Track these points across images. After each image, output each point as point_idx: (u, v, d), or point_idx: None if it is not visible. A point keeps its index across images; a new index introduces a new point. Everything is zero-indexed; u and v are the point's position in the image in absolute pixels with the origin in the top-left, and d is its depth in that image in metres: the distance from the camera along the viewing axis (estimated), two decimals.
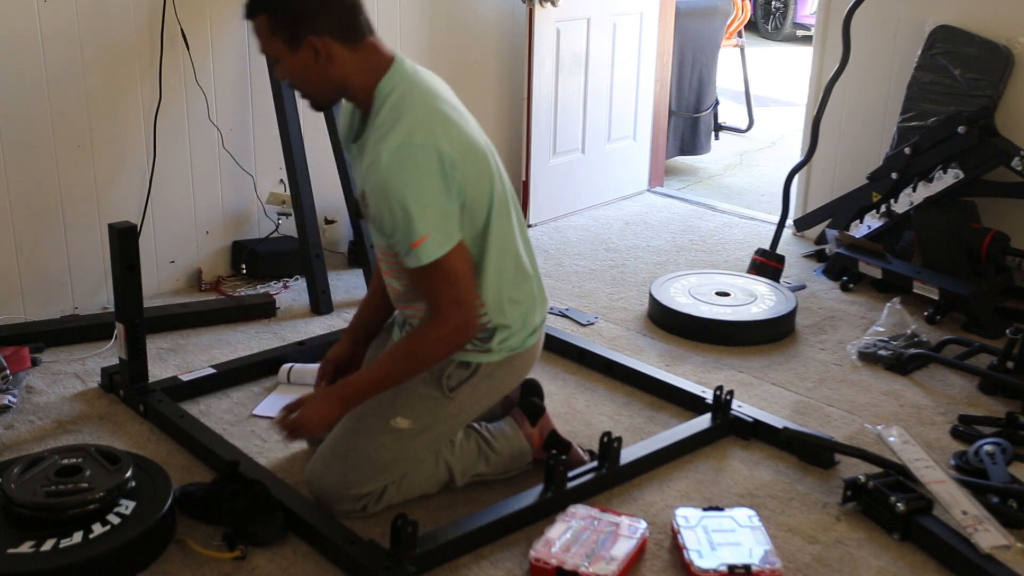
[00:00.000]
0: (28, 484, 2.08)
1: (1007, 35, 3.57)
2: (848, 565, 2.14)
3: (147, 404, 2.65)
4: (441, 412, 2.24)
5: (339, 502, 2.21)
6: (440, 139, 2.06)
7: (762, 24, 11.11)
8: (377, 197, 2.05)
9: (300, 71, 2.11)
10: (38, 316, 3.23)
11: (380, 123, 2.08)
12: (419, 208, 2.01)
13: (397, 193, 2.01)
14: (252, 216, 3.72)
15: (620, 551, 2.08)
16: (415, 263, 2.06)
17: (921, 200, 3.59)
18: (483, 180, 2.15)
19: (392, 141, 2.03)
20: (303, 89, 2.17)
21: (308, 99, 2.19)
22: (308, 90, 2.17)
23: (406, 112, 2.07)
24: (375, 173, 2.04)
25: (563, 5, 4.17)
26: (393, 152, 2.02)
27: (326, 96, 2.18)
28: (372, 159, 2.06)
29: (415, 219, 2.01)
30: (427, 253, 2.04)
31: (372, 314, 2.47)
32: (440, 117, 2.10)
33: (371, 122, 2.12)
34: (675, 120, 5.27)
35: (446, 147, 2.05)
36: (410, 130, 2.04)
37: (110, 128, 3.29)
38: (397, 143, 2.03)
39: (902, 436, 2.44)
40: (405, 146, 2.02)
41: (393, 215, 2.03)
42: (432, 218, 2.03)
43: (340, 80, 2.11)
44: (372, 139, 2.10)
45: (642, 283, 3.73)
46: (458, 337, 2.13)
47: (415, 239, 2.02)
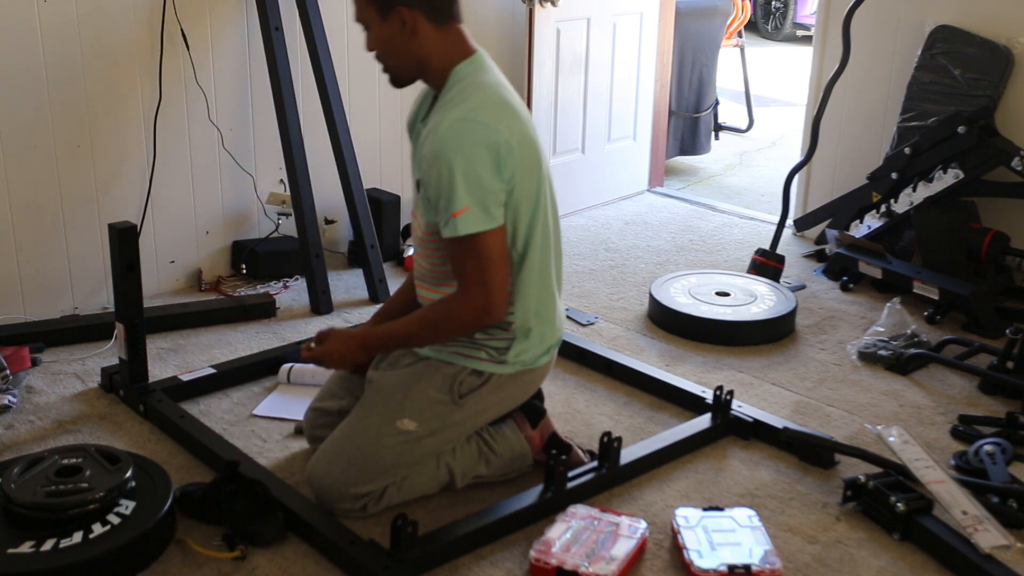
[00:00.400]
0: (28, 484, 2.08)
1: (1007, 35, 3.57)
2: (848, 565, 2.14)
3: (147, 404, 2.65)
4: (448, 418, 2.24)
5: (339, 501, 2.21)
6: (501, 123, 2.12)
7: (762, 24, 11.11)
8: (429, 162, 2.10)
9: (386, 41, 2.18)
10: (38, 316, 3.23)
11: (449, 100, 2.15)
12: (466, 180, 2.06)
13: (448, 160, 2.06)
14: (252, 216, 3.72)
15: (620, 551, 2.08)
16: (452, 233, 2.09)
17: (921, 200, 3.59)
18: (532, 177, 2.20)
19: (456, 113, 2.10)
20: (386, 61, 2.23)
21: (389, 73, 2.25)
22: (390, 62, 2.22)
23: (475, 93, 2.14)
24: (433, 138, 2.09)
25: (563, 5, 4.17)
26: (454, 122, 2.09)
27: (405, 71, 2.22)
28: (433, 126, 2.11)
29: (459, 189, 2.06)
30: (465, 225, 2.08)
31: (401, 303, 2.49)
32: (506, 106, 2.17)
33: (440, 100, 2.18)
34: (675, 120, 5.28)
35: (505, 132, 2.11)
36: (475, 107, 2.12)
37: (110, 128, 3.29)
38: (460, 116, 2.10)
39: (902, 436, 2.44)
40: (467, 120, 2.09)
41: (440, 181, 2.08)
42: (476, 193, 2.08)
43: (420, 56, 2.17)
44: (437, 114, 2.15)
45: (642, 283, 3.73)
46: (478, 319, 2.16)
47: (456, 209, 2.07)
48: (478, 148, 2.08)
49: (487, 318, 2.16)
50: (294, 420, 2.65)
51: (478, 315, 2.15)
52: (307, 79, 3.57)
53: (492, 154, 2.09)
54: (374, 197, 3.80)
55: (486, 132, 2.09)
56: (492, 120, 2.11)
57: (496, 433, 2.36)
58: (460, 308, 2.15)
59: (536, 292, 2.26)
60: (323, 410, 2.45)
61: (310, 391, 2.72)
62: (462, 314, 2.16)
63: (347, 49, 3.75)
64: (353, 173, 3.56)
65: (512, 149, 2.12)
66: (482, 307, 2.14)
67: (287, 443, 2.58)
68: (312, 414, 2.48)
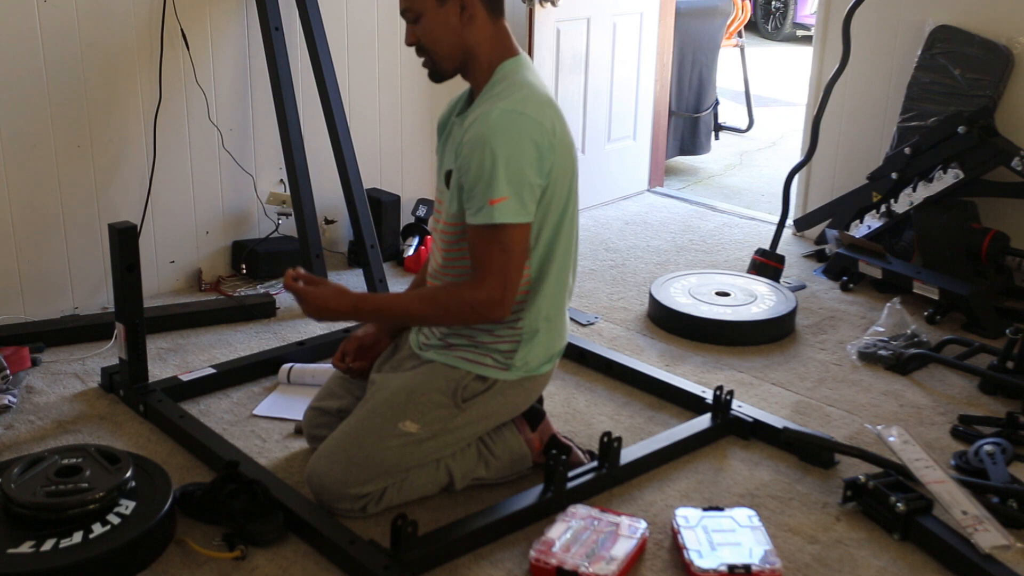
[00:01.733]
0: (28, 484, 2.08)
1: (1007, 35, 3.57)
2: (848, 565, 2.14)
3: (147, 404, 2.65)
4: (450, 422, 2.24)
5: (339, 500, 2.21)
6: (547, 121, 2.14)
7: (762, 24, 11.10)
8: (472, 147, 2.09)
9: (440, 27, 2.17)
10: (38, 316, 3.23)
11: (496, 93, 2.16)
12: (508, 170, 2.07)
13: (493, 147, 2.07)
14: (252, 216, 3.72)
15: (620, 551, 2.08)
16: (486, 220, 2.09)
17: (921, 200, 3.59)
18: (566, 179, 2.22)
19: (506, 104, 2.11)
20: (435, 49, 2.20)
21: (432, 64, 2.23)
22: (440, 50, 2.20)
23: (523, 88, 2.16)
24: (480, 124, 2.09)
25: (563, 5, 4.17)
26: (504, 112, 2.10)
27: (451, 61, 2.21)
28: (480, 114, 2.11)
29: (501, 178, 2.07)
30: (502, 213, 2.08)
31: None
32: (552, 105, 2.19)
33: (484, 93, 2.19)
34: (675, 120, 5.28)
35: (550, 129, 2.14)
36: (525, 101, 2.13)
37: (110, 128, 3.29)
38: (510, 107, 2.11)
39: (902, 436, 2.44)
40: (517, 112, 2.11)
41: (482, 167, 2.07)
42: (516, 185, 2.08)
43: (470, 45, 2.19)
44: (482, 105, 2.15)
45: (642, 283, 3.73)
46: (485, 310, 2.15)
47: (495, 196, 2.07)
48: (524, 141, 2.09)
49: (496, 311, 2.15)
50: (294, 420, 2.65)
51: (489, 306, 2.14)
52: (307, 79, 3.57)
53: (536, 149, 2.11)
54: (374, 197, 3.80)
55: (533, 127, 2.11)
56: (540, 116, 2.13)
57: (496, 436, 2.36)
58: (473, 295, 2.14)
59: (550, 295, 2.26)
60: (322, 409, 2.45)
61: (310, 391, 2.72)
62: (473, 301, 2.14)
63: (347, 49, 3.75)
64: (353, 173, 3.56)
65: (554, 147, 2.14)
66: (496, 299, 2.13)
67: (287, 443, 2.58)
68: (311, 413, 2.48)
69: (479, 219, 2.10)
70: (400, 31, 3.90)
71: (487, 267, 2.13)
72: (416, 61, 2.27)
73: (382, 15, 3.82)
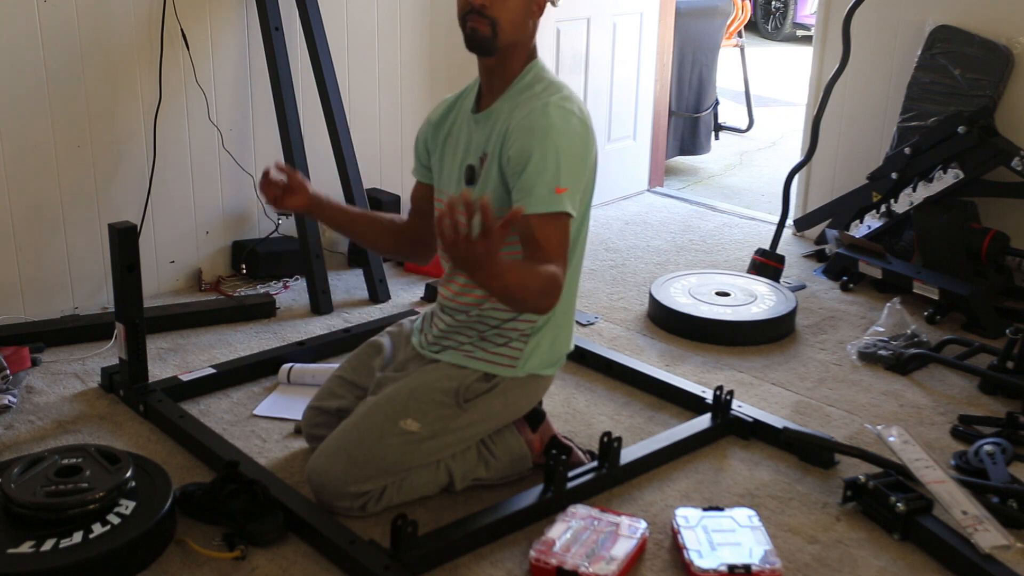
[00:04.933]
0: (28, 484, 2.08)
1: (1007, 35, 3.57)
2: (848, 565, 2.14)
3: (147, 404, 2.65)
4: (452, 422, 2.24)
5: (338, 498, 2.21)
6: (588, 120, 2.20)
7: (762, 24, 11.10)
8: (532, 136, 2.10)
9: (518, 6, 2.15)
10: (38, 316, 3.23)
11: (533, 91, 2.19)
12: (569, 163, 2.10)
13: (556, 139, 2.09)
14: (252, 216, 3.72)
15: (620, 551, 2.08)
16: (555, 207, 2.07)
17: (921, 200, 3.59)
18: (593, 179, 2.24)
19: (558, 100, 2.15)
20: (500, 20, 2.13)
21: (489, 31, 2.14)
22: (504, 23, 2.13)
23: (563, 88, 2.21)
24: (537, 116, 2.11)
25: (563, 5, 4.13)
26: (559, 108, 2.13)
27: (506, 38, 2.16)
28: (533, 108, 2.13)
29: (564, 169, 2.09)
30: (568, 203, 2.09)
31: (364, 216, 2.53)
32: (583, 107, 2.22)
33: (513, 89, 2.21)
34: (675, 120, 5.27)
35: (591, 129, 2.18)
36: (570, 99, 2.18)
37: (110, 128, 3.29)
38: (563, 104, 2.15)
39: (902, 436, 2.44)
40: (569, 110, 2.14)
41: (545, 156, 2.08)
42: (573, 179, 2.11)
43: (524, 34, 2.21)
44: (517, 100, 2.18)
45: (642, 283, 3.73)
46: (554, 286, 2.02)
47: (561, 186, 2.08)
48: (578, 137, 2.14)
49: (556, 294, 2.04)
50: (294, 420, 2.65)
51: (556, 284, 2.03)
52: (307, 79, 3.57)
53: (585, 146, 2.15)
54: (374, 197, 3.80)
55: (583, 125, 2.16)
56: (584, 116, 2.18)
57: (496, 436, 2.36)
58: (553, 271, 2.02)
59: (565, 294, 2.24)
60: (321, 409, 2.45)
61: (310, 391, 2.72)
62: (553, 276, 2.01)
63: (347, 49, 3.75)
64: (353, 173, 3.56)
65: (592, 147, 2.19)
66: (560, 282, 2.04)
67: (287, 443, 2.58)
68: (310, 413, 2.48)
69: (545, 207, 2.07)
70: (401, 29, 3.90)
71: (553, 252, 2.06)
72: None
73: (382, 15, 3.82)
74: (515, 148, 2.12)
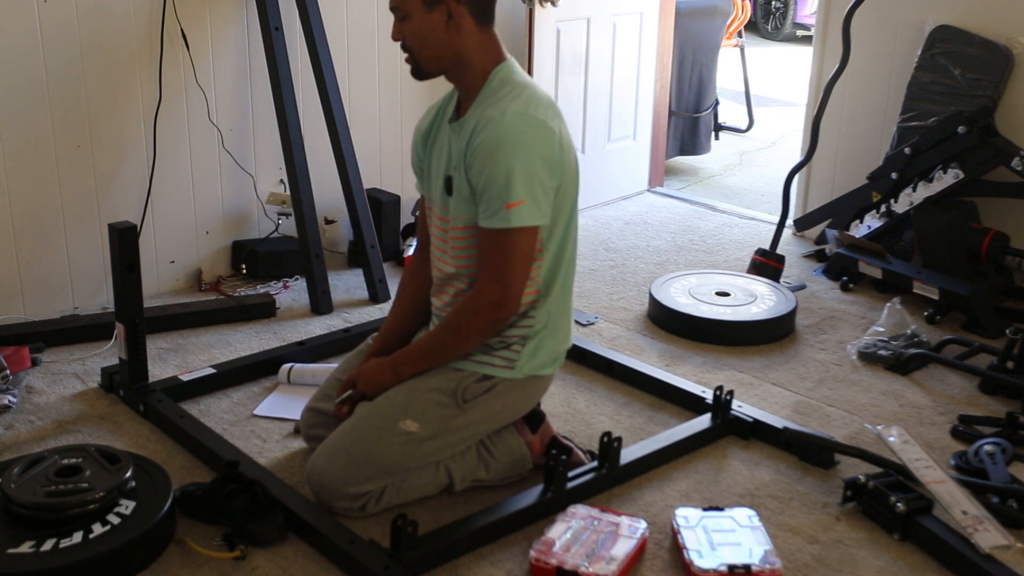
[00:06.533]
0: (28, 484, 2.08)
1: (1007, 35, 3.57)
2: (848, 565, 2.14)
3: (147, 404, 2.65)
4: (451, 422, 2.24)
5: (338, 499, 2.21)
6: (554, 122, 2.16)
7: (762, 24, 11.10)
8: (488, 150, 2.10)
9: (427, 32, 2.17)
10: (38, 316, 3.23)
11: (498, 96, 2.16)
12: (526, 174, 2.09)
13: (509, 150, 2.08)
14: (252, 216, 3.72)
15: (620, 551, 2.08)
16: (501, 223, 2.10)
17: (921, 200, 3.59)
18: (572, 180, 2.24)
19: (517, 106, 2.12)
20: (420, 51, 2.20)
21: (416, 63, 2.23)
22: (425, 52, 2.20)
23: (526, 90, 2.17)
24: (492, 127, 2.10)
25: (563, 5, 4.17)
26: (517, 115, 2.10)
27: (437, 63, 2.22)
28: (490, 118, 2.11)
29: (518, 182, 2.08)
30: (519, 217, 2.10)
31: (394, 339, 2.46)
32: (554, 107, 2.21)
33: (481, 97, 2.19)
34: (675, 120, 5.27)
35: (558, 131, 2.16)
36: (533, 103, 2.15)
37: (110, 128, 3.29)
38: (521, 109, 2.12)
39: (902, 436, 2.44)
40: (529, 115, 2.12)
41: (498, 170, 2.08)
42: (533, 188, 2.10)
43: (459, 51, 2.18)
44: (484, 108, 2.15)
45: (642, 283, 3.73)
46: (494, 313, 2.16)
47: (512, 201, 2.08)
48: (539, 144, 2.11)
49: (504, 310, 2.17)
50: (294, 420, 2.65)
51: (497, 307, 2.16)
52: (307, 79, 3.57)
53: (549, 152, 2.13)
54: (374, 197, 3.80)
55: (544, 129, 2.13)
56: (547, 118, 2.15)
57: (496, 438, 2.35)
58: (476, 304, 2.17)
59: (558, 295, 2.28)
60: (319, 410, 2.45)
61: (310, 391, 2.71)
62: (481, 305, 2.16)
63: (347, 49, 3.75)
64: (353, 173, 3.56)
65: (562, 147, 2.16)
66: (502, 299, 2.15)
67: (287, 443, 2.58)
68: (308, 414, 2.48)
69: (495, 222, 2.11)
70: None
71: (495, 268, 2.15)
72: None
73: (382, 15, 3.82)
74: (474, 163, 2.13)
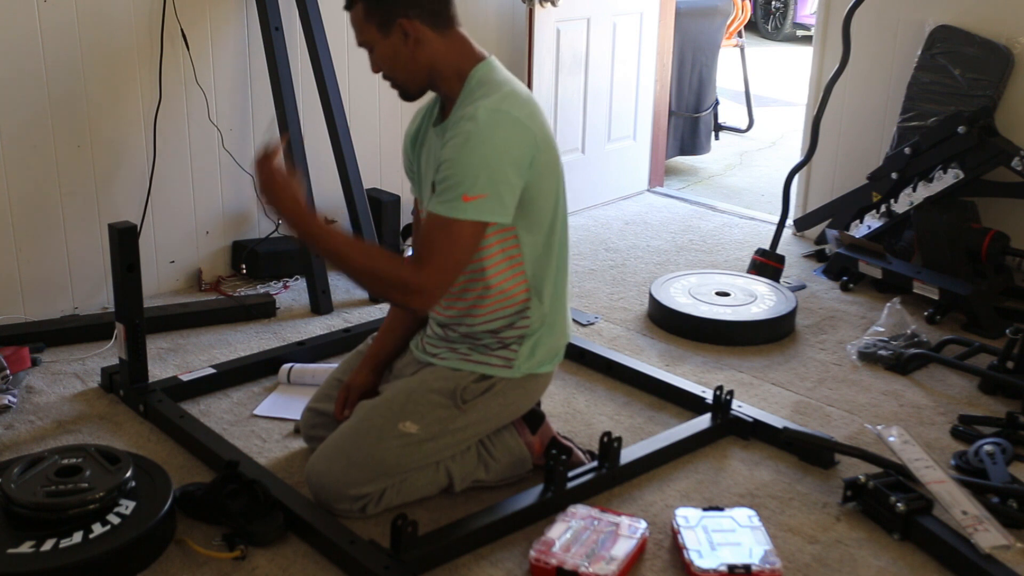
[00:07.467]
0: (28, 484, 2.08)
1: (1007, 35, 3.57)
2: (848, 565, 2.14)
3: (147, 404, 2.65)
4: (450, 423, 2.24)
5: (338, 501, 2.21)
6: (531, 120, 2.14)
7: (762, 24, 11.10)
8: (459, 142, 2.08)
9: (392, 56, 2.17)
10: (38, 316, 3.23)
11: (476, 95, 2.13)
12: (490, 168, 2.07)
13: (478, 144, 2.06)
14: (252, 216, 3.72)
15: (620, 551, 2.08)
16: (450, 212, 2.06)
17: (921, 200, 3.59)
18: (554, 176, 2.22)
19: (490, 103, 2.10)
20: (394, 75, 2.22)
21: (399, 88, 2.24)
22: (399, 75, 2.21)
23: (504, 87, 2.15)
24: (468, 123, 2.08)
25: (563, 5, 4.17)
26: (491, 112, 2.08)
27: (416, 82, 2.22)
28: (464, 114, 2.10)
29: (483, 176, 2.06)
30: (477, 210, 2.06)
31: (390, 343, 2.46)
32: (533, 103, 2.19)
33: (462, 99, 2.17)
34: (675, 120, 5.27)
35: (534, 128, 2.13)
36: (508, 100, 2.12)
37: (110, 128, 3.29)
38: (495, 106, 2.09)
39: (902, 436, 2.44)
40: (503, 112, 2.10)
41: (463, 163, 2.06)
42: (496, 183, 2.08)
43: (429, 63, 2.18)
44: (463, 108, 2.13)
45: (642, 283, 3.73)
46: (413, 296, 2.09)
47: (472, 194, 2.06)
48: (509, 140, 2.09)
49: (424, 300, 2.10)
50: (294, 420, 2.65)
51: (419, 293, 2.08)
52: (307, 79, 3.57)
53: (520, 150, 2.11)
54: (374, 197, 3.80)
55: (517, 127, 2.11)
56: (524, 116, 2.13)
57: (496, 438, 2.35)
58: (408, 276, 2.08)
59: (551, 293, 2.27)
60: (319, 411, 2.45)
61: (310, 391, 2.71)
62: (407, 282, 2.08)
63: (347, 49, 3.75)
64: (353, 173, 3.56)
65: (538, 145, 2.14)
66: (429, 288, 2.08)
67: (287, 443, 2.58)
68: (308, 415, 2.48)
69: (443, 209, 2.07)
70: None
71: (433, 254, 2.09)
72: None
73: None
74: (444, 156, 2.12)
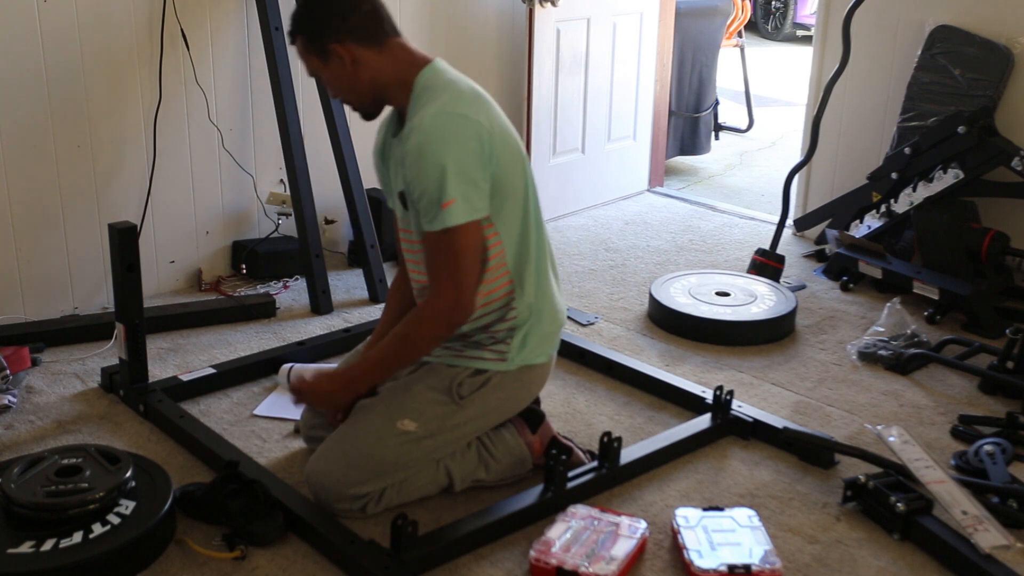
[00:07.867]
0: (28, 484, 2.08)
1: (1007, 35, 3.57)
2: (848, 565, 2.14)
3: (147, 404, 2.65)
4: (449, 420, 2.24)
5: (338, 500, 2.21)
6: (479, 114, 2.13)
7: (762, 24, 11.10)
8: (414, 157, 2.09)
9: (336, 81, 2.21)
10: (38, 316, 3.23)
11: (421, 103, 2.14)
12: (452, 172, 2.07)
13: (435, 154, 2.06)
14: (252, 216, 3.72)
15: (620, 551, 2.08)
16: (439, 226, 2.08)
17: (921, 200, 3.59)
18: (516, 167, 2.21)
19: (433, 109, 2.10)
20: (345, 98, 2.26)
21: (356, 109, 2.28)
22: (349, 97, 2.25)
23: (448, 88, 2.16)
24: (415, 134, 2.09)
25: (563, 5, 4.17)
26: (434, 116, 2.09)
27: (364, 100, 2.24)
28: (413, 125, 2.10)
29: (449, 181, 2.06)
30: (453, 216, 2.07)
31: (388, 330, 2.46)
32: (481, 97, 2.19)
33: (411, 107, 2.17)
34: (675, 120, 5.28)
35: (484, 121, 2.13)
36: (452, 100, 2.12)
37: (110, 128, 3.29)
38: (438, 110, 2.10)
39: (902, 436, 2.44)
40: (446, 113, 2.10)
41: (426, 175, 2.07)
42: (463, 185, 2.08)
43: (371, 80, 2.19)
44: (412, 119, 2.14)
45: (642, 283, 3.73)
46: (450, 317, 2.15)
47: (446, 200, 2.06)
48: (460, 139, 2.09)
49: (458, 314, 2.15)
50: (294, 420, 2.65)
51: (451, 313, 2.14)
52: (307, 79, 3.57)
53: (474, 144, 2.10)
54: (374, 197, 3.80)
55: (466, 123, 2.10)
56: (470, 111, 2.12)
57: (496, 438, 2.36)
58: (432, 310, 2.15)
59: (534, 282, 2.26)
60: (319, 411, 2.45)
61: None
62: (435, 315, 2.15)
63: None
64: (353, 173, 3.56)
65: (493, 138, 2.13)
66: (454, 304, 2.13)
67: (287, 443, 2.58)
68: (308, 415, 2.48)
69: (435, 226, 2.10)
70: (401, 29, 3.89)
71: (439, 275, 2.14)
72: None
73: None
74: (406, 174, 2.13)
